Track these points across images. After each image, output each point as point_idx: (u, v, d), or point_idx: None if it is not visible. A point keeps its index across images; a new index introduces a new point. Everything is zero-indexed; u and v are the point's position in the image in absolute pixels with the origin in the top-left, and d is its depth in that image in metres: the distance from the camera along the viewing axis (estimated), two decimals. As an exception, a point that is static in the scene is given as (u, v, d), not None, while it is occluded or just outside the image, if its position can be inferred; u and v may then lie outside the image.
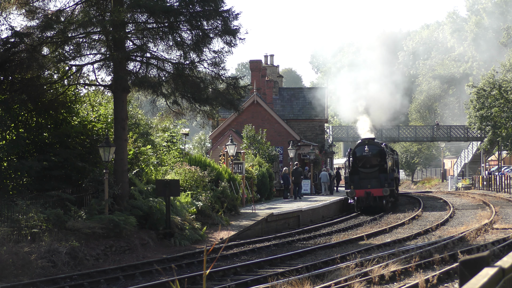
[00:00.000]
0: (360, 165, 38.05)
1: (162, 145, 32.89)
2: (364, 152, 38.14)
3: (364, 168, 38.03)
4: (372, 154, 38.10)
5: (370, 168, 38.02)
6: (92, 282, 16.09)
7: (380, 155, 38.19)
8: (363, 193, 37.25)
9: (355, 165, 38.20)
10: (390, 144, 57.88)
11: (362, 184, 37.56)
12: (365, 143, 38.63)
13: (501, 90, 58.43)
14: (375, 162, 38.04)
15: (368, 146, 38.27)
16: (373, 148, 38.40)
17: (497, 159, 68.37)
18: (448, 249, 18.76)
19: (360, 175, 37.89)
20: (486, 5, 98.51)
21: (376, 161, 38.05)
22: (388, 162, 38.34)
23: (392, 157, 41.76)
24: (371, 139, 39.81)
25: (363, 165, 38.06)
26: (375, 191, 37.20)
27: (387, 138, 67.16)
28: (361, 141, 40.00)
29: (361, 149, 38.44)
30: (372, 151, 38.17)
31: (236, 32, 23.25)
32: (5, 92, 22.53)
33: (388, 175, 37.84)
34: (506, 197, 43.15)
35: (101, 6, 22.93)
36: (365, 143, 38.71)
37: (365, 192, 37.22)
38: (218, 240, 24.05)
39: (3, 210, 19.23)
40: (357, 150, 38.66)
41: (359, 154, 38.39)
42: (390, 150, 43.56)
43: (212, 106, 24.99)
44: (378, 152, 38.30)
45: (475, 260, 4.65)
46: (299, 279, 14.08)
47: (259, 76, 57.18)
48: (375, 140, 40.67)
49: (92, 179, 23.17)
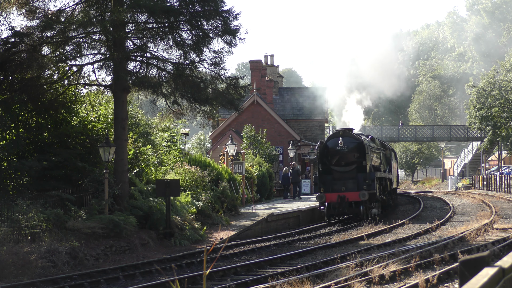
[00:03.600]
0: (333, 163, 30.72)
1: (162, 145, 32.90)
2: (338, 146, 30.65)
3: (338, 166, 30.67)
4: (348, 148, 30.69)
5: (346, 166, 30.63)
6: (92, 282, 16.08)
7: (358, 150, 30.70)
8: (336, 198, 30.05)
9: (327, 162, 30.86)
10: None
11: (335, 186, 30.39)
12: (339, 135, 30.96)
13: (501, 90, 58.45)
14: (352, 159, 30.66)
15: (343, 139, 30.65)
16: (349, 141, 30.86)
17: (497, 159, 68.38)
18: (448, 249, 18.76)
19: (333, 175, 30.61)
20: (486, 5, 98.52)
21: (353, 158, 30.65)
22: (370, 158, 31.26)
23: (380, 153, 35.07)
24: (347, 130, 31.78)
25: (337, 163, 30.70)
26: (351, 195, 30.12)
27: (387, 138, 67.17)
28: (335, 132, 32.51)
29: (335, 142, 30.88)
30: (348, 145, 30.75)
31: (236, 32, 23.26)
32: (5, 92, 22.53)
33: (368, 175, 30.45)
34: (506, 197, 43.16)
35: (101, 6, 22.93)
36: (339, 134, 31.00)
37: (338, 197, 29.98)
38: (218, 240, 24.06)
39: (3, 210, 19.23)
40: (330, 144, 31.14)
41: (332, 149, 30.91)
42: (380, 144, 37.03)
43: (212, 106, 25.00)
44: (356, 146, 30.77)
45: (475, 260, 4.65)
46: (299, 279, 14.08)
47: (259, 76, 57.20)
48: (353, 131, 32.64)
49: (92, 179, 23.17)
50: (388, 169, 36.53)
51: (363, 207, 30.11)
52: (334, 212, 30.43)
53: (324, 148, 31.15)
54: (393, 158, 39.09)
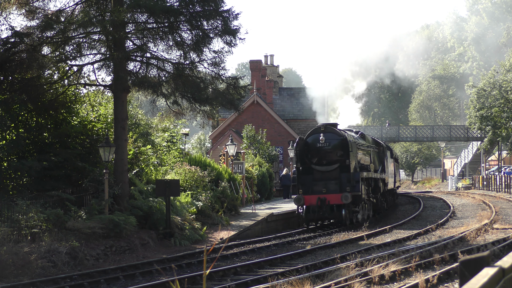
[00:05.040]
0: (314, 161, 28.14)
1: (162, 145, 32.91)
2: (319, 142, 27.92)
3: (319, 166, 28.05)
4: (330, 145, 27.99)
5: (327, 165, 27.99)
6: (92, 282, 16.09)
7: (342, 148, 28.01)
8: (315, 200, 27.33)
9: (307, 160, 28.26)
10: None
11: (315, 187, 27.77)
12: (321, 130, 28.16)
13: (501, 90, 58.43)
14: (335, 157, 28.01)
15: (325, 135, 27.89)
16: (331, 138, 28.10)
17: (497, 159, 68.36)
18: (448, 249, 18.76)
19: (314, 175, 28.03)
20: (486, 5, 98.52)
21: (336, 156, 28.00)
22: (355, 156, 28.50)
23: (371, 150, 32.25)
24: (330, 125, 28.86)
25: (318, 161, 28.08)
26: (332, 198, 27.34)
27: (387, 138, 67.11)
28: (316, 127, 29.51)
29: (315, 139, 28.15)
30: (331, 142, 28.02)
31: (236, 32, 23.26)
32: (5, 92, 22.53)
33: (352, 175, 27.77)
34: (506, 197, 43.14)
35: (101, 6, 22.94)
36: (321, 130, 28.20)
37: (317, 199, 27.26)
38: (218, 240, 24.06)
39: (3, 210, 19.23)
40: (310, 140, 28.40)
41: (312, 146, 28.21)
42: (372, 142, 34.26)
43: (212, 106, 25.01)
44: (340, 143, 28.05)
45: (475, 260, 4.65)
46: (299, 279, 14.07)
47: (259, 76, 57.22)
48: (337, 126, 29.54)
49: (92, 179, 23.18)
50: (381, 168, 33.81)
51: (345, 211, 27.31)
52: (314, 216, 27.55)
53: (304, 145, 28.41)
54: (389, 157, 36.93)
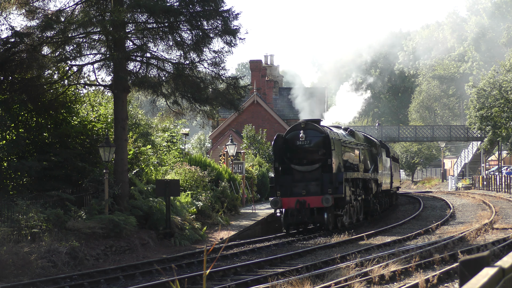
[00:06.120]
0: (293, 161, 26.02)
1: (162, 145, 32.92)
2: (299, 140, 25.75)
3: (299, 165, 25.91)
4: (311, 143, 25.77)
5: (308, 164, 25.82)
6: (92, 282, 16.09)
7: (324, 146, 25.74)
8: (294, 203, 25.19)
9: (286, 160, 26.07)
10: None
11: (295, 189, 25.69)
12: (301, 127, 25.94)
13: (501, 90, 58.44)
14: (316, 156, 25.78)
15: (306, 132, 25.73)
16: (313, 135, 25.85)
17: (497, 159, 68.37)
18: (448, 249, 18.76)
19: (293, 175, 25.91)
20: (486, 5, 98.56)
21: (318, 155, 25.75)
22: (338, 155, 26.25)
23: (360, 149, 30.02)
24: (312, 121, 26.57)
25: (299, 161, 25.93)
26: (312, 200, 25.11)
27: (387, 138, 67.13)
28: (296, 123, 27.26)
29: (295, 136, 25.94)
30: (312, 139, 25.77)
31: (236, 32, 23.27)
32: (5, 92, 22.54)
33: (334, 175, 25.46)
34: (506, 197, 43.15)
35: (101, 6, 22.94)
36: (301, 126, 25.98)
37: (297, 202, 25.10)
38: (218, 240, 24.06)
39: (3, 210, 19.23)
40: (289, 137, 26.12)
41: (292, 144, 25.98)
42: (364, 140, 32.00)
43: (212, 106, 25.01)
44: (322, 140, 25.77)
45: (475, 260, 4.65)
46: (299, 279, 14.07)
47: (259, 76, 57.22)
48: (320, 122, 27.24)
49: (92, 179, 23.19)
50: (373, 168, 31.59)
51: (327, 215, 25.22)
52: (293, 220, 25.48)
53: (283, 143, 26.15)
54: (384, 155, 34.88)
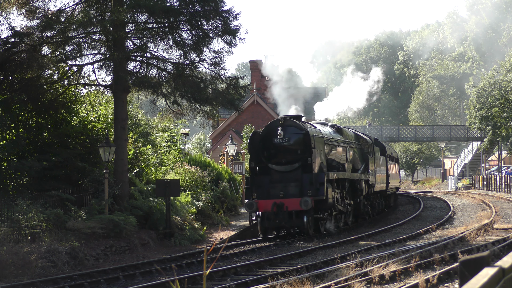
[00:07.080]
0: (272, 160, 24.00)
1: (162, 145, 32.93)
2: (277, 138, 23.74)
3: (277, 165, 23.91)
4: (290, 141, 23.84)
5: (287, 164, 23.85)
6: (92, 282, 16.09)
7: (304, 143, 23.74)
8: (271, 206, 23.24)
9: (263, 159, 24.07)
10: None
11: (272, 191, 23.71)
12: (279, 123, 23.89)
13: (501, 90, 58.43)
14: (295, 155, 23.82)
15: (284, 129, 23.71)
16: (292, 132, 23.86)
17: (497, 159, 68.37)
18: (448, 249, 18.75)
19: (271, 176, 23.95)
20: (486, 5, 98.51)
21: (297, 153, 23.80)
22: (320, 154, 24.27)
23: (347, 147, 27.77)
24: (292, 117, 24.48)
25: (277, 160, 23.94)
26: (291, 203, 23.16)
27: (387, 138, 67.11)
28: (274, 120, 25.26)
29: (273, 133, 23.94)
30: (291, 137, 23.84)
31: (236, 32, 23.27)
32: (5, 92, 22.54)
33: (314, 176, 23.55)
34: (506, 197, 43.14)
35: (101, 6, 22.95)
36: (279, 122, 23.93)
37: (273, 204, 23.18)
38: (218, 240, 24.06)
39: (3, 210, 19.24)
40: (267, 135, 24.12)
41: (269, 142, 23.98)
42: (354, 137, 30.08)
43: (212, 106, 25.01)
44: (302, 138, 23.79)
45: (475, 260, 4.65)
46: (299, 279, 14.07)
47: (259, 76, 57.20)
48: (301, 119, 25.14)
49: (92, 179, 23.19)
50: (363, 167, 29.50)
51: (307, 218, 23.29)
52: (270, 224, 23.58)
53: (260, 141, 24.13)
54: (378, 154, 32.91)
